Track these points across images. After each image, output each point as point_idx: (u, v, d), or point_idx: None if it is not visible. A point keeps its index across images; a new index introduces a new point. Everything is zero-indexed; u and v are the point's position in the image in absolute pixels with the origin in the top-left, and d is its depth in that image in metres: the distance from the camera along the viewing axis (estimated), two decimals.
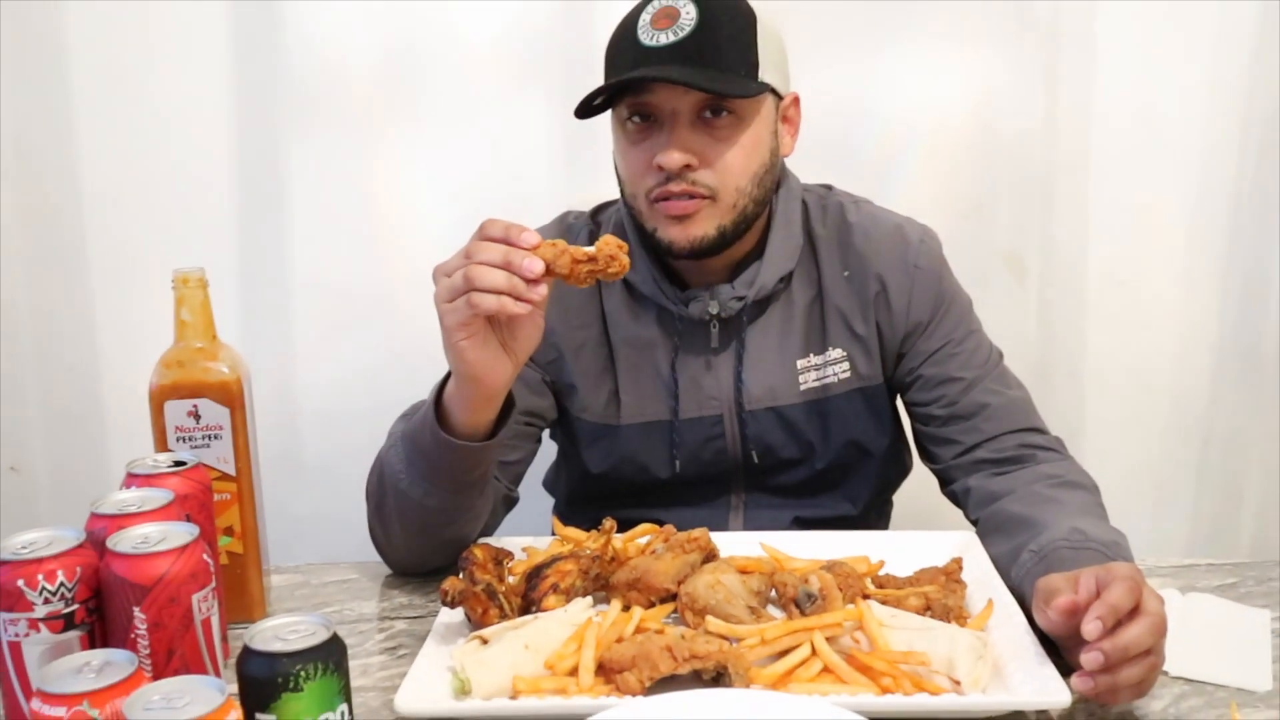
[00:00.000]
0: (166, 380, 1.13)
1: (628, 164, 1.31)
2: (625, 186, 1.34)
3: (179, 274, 1.13)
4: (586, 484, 1.46)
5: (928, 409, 1.39)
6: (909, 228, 1.43)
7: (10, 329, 1.88)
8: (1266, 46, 1.89)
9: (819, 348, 1.40)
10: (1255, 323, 2.00)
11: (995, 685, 0.99)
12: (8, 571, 0.86)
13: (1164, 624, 0.95)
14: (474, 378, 1.15)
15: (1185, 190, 1.96)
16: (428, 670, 1.01)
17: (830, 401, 1.40)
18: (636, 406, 1.41)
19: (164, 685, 0.76)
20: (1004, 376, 1.41)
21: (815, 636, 1.01)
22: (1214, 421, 2.04)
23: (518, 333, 1.16)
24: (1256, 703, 1.00)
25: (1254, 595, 1.21)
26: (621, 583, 1.12)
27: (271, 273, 1.90)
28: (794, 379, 1.39)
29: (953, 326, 1.40)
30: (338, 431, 1.91)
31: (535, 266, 1.09)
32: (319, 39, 1.83)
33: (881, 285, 1.39)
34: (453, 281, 1.11)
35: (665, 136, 1.26)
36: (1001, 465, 1.33)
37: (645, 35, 1.25)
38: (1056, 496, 1.23)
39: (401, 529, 1.27)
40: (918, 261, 1.40)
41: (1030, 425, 1.36)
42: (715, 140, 1.27)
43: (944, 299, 1.41)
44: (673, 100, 1.25)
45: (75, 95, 1.82)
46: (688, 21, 1.23)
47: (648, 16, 1.26)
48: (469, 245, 1.12)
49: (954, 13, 1.86)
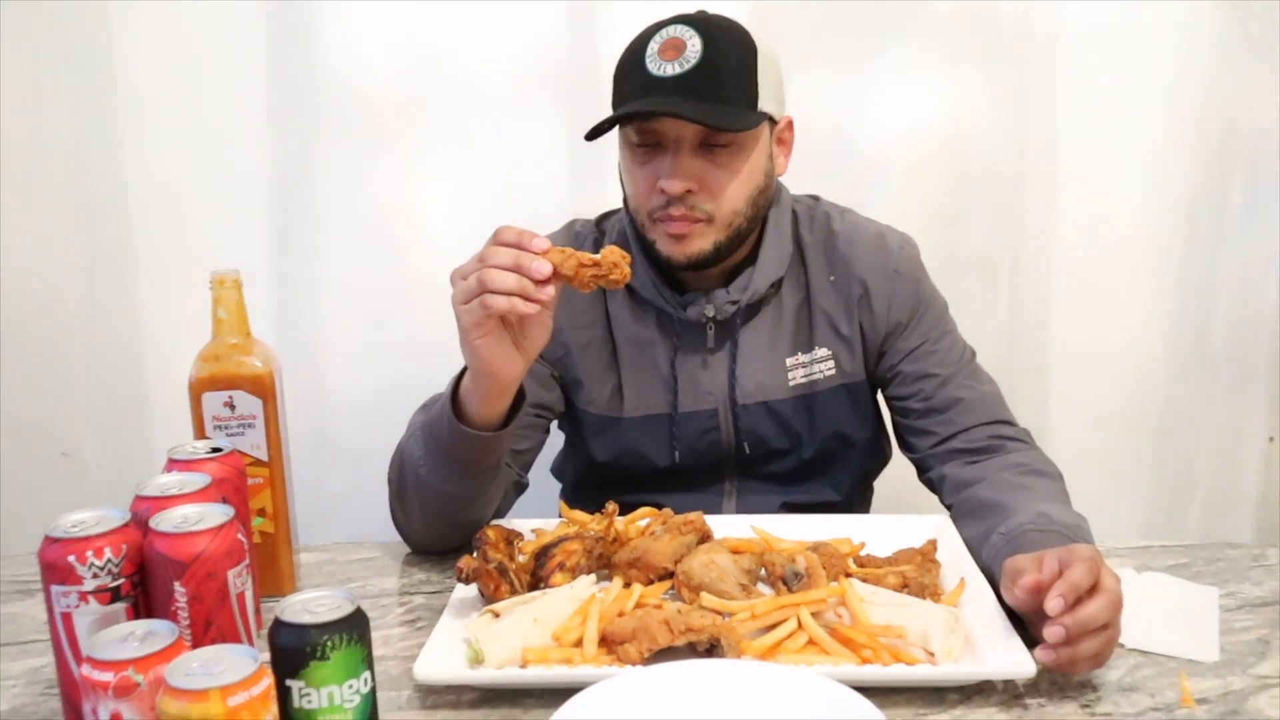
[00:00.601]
0: (204, 373, 1.13)
1: (633, 182, 1.31)
2: (630, 201, 1.34)
3: (216, 275, 1.13)
4: (592, 471, 1.46)
5: (906, 403, 1.39)
6: (889, 235, 1.42)
7: (63, 325, 1.89)
8: (1217, 72, 1.89)
9: (806, 347, 1.39)
10: (1206, 324, 2.00)
11: (966, 656, 0.99)
12: (60, 548, 0.86)
13: (1120, 600, 0.95)
14: (488, 373, 1.15)
15: (1142, 202, 1.95)
16: (444, 641, 1.01)
17: (817, 397, 1.40)
18: (638, 400, 1.40)
19: (202, 653, 0.76)
20: (976, 373, 1.40)
21: (801, 612, 1.01)
22: (1167, 414, 2.04)
23: (528, 331, 1.16)
24: (1204, 672, 1.00)
25: (1203, 574, 1.21)
26: (623, 562, 1.12)
27: (302, 274, 1.90)
28: (783, 376, 1.39)
29: (929, 327, 1.40)
30: (362, 421, 1.90)
31: (543, 269, 1.09)
32: (350, 61, 1.83)
33: (864, 289, 1.38)
34: (468, 284, 1.11)
35: (669, 163, 1.25)
36: (973, 455, 1.32)
37: (653, 65, 1.23)
38: (1024, 483, 1.23)
39: (420, 512, 1.27)
40: (897, 267, 1.39)
41: (1000, 418, 1.36)
42: (715, 167, 1.26)
43: (922, 301, 1.40)
44: (677, 129, 1.24)
45: (124, 111, 1.82)
46: (693, 54, 1.22)
47: (655, 46, 1.24)
48: (483, 250, 1.12)
49: (932, 40, 1.86)
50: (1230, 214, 1.96)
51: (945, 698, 0.96)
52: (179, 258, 1.84)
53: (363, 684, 0.83)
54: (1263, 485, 2.08)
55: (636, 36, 1.28)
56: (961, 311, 1.47)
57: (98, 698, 0.75)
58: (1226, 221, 1.96)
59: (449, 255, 1.86)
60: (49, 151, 1.82)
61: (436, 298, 1.87)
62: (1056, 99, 1.90)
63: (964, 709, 0.95)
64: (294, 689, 0.80)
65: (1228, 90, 1.89)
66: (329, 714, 0.81)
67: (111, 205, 1.85)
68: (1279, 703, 0.95)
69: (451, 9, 1.82)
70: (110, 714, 0.75)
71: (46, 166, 1.82)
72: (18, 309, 1.87)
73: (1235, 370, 2.02)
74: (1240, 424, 2.05)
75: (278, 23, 1.81)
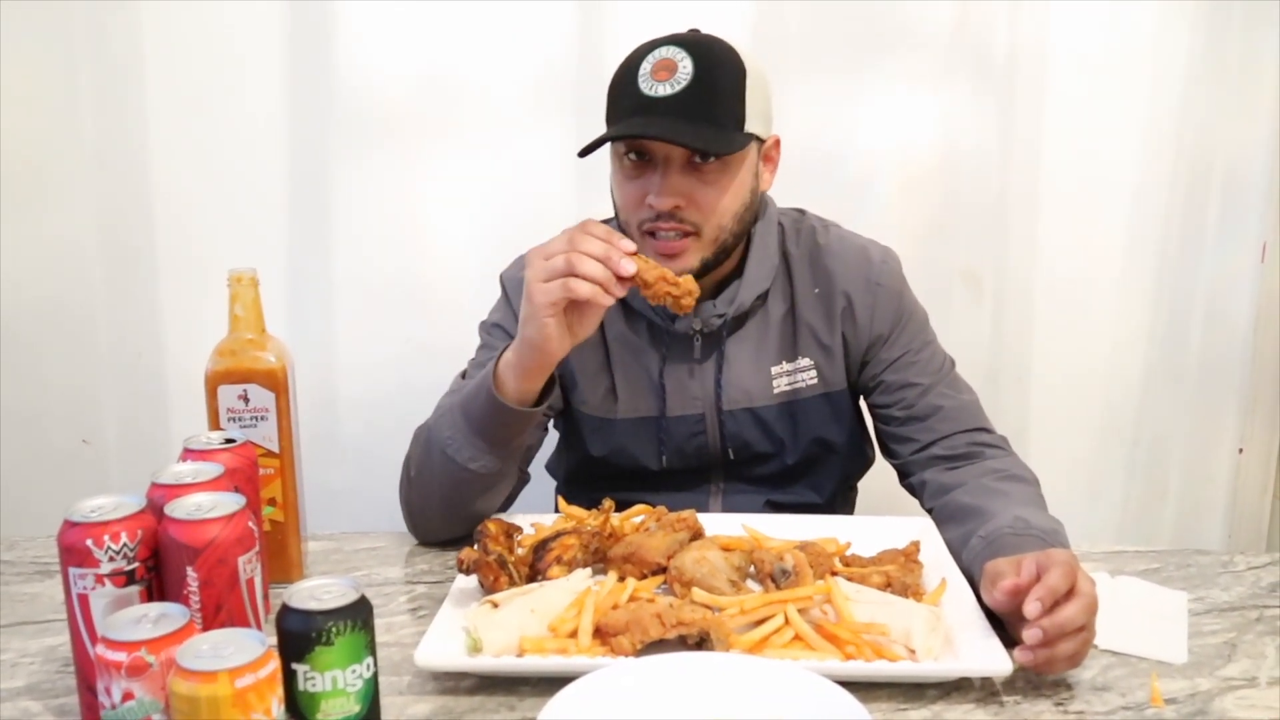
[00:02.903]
0: (220, 367, 1.12)
1: (623, 195, 1.30)
2: (619, 213, 1.33)
3: (233, 273, 1.13)
4: (585, 468, 1.46)
5: (888, 410, 1.39)
6: (872, 249, 1.42)
7: (87, 319, 1.88)
8: (1195, 97, 1.89)
9: (790, 356, 1.39)
10: (1180, 338, 2.00)
11: (946, 654, 0.98)
12: (78, 532, 0.86)
13: (1095, 604, 0.95)
14: (542, 350, 1.16)
15: (1122, 219, 1.95)
16: (445, 629, 1.01)
17: (799, 404, 1.39)
18: (630, 403, 1.40)
19: (212, 636, 0.76)
20: (955, 382, 1.40)
21: (788, 608, 1.01)
22: (1142, 424, 2.04)
23: (586, 319, 1.18)
24: (1174, 673, 1.00)
25: (1174, 579, 1.21)
26: (617, 556, 1.11)
27: (316, 273, 1.89)
28: (768, 384, 1.39)
29: (910, 338, 1.40)
30: (371, 415, 1.91)
31: (629, 267, 1.11)
32: (366, 69, 1.82)
33: (848, 301, 1.38)
34: (553, 264, 1.12)
35: (658, 179, 1.24)
36: (953, 461, 1.32)
37: (645, 84, 1.22)
38: (1002, 489, 1.23)
39: (439, 495, 1.26)
40: (880, 280, 1.39)
41: (979, 425, 1.36)
42: (703, 184, 1.25)
43: (903, 313, 1.40)
44: (666, 148, 1.24)
45: (149, 116, 1.82)
46: (684, 75, 1.21)
47: (648, 66, 1.23)
48: (573, 234, 1.13)
49: (923, 61, 1.86)
50: (1206, 232, 1.96)
51: (925, 693, 0.96)
52: (198, 256, 1.85)
53: (365, 669, 0.82)
54: (1232, 494, 2.08)
55: (630, 55, 1.27)
56: (947, 322, 1.47)
57: (111, 676, 0.75)
58: (1203, 239, 1.96)
59: (456, 256, 1.89)
60: (78, 151, 1.82)
61: (444, 298, 1.90)
62: (1042, 120, 1.90)
63: (943, 705, 0.94)
64: (299, 672, 0.80)
65: (1205, 114, 1.90)
66: (333, 697, 0.81)
67: (135, 205, 1.85)
68: (1245, 704, 0.95)
69: (465, 20, 1.81)
70: (123, 692, 0.75)
71: (75, 165, 1.83)
72: (44, 303, 1.87)
73: (1208, 383, 2.02)
74: (1212, 435, 2.05)
75: (298, 32, 1.81)
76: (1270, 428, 2.04)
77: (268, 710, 0.73)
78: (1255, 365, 2.01)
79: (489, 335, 1.40)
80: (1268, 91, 1.88)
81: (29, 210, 1.83)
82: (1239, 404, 2.03)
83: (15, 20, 1.76)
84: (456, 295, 1.87)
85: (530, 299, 1.15)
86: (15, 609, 1.14)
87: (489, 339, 1.39)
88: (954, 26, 1.85)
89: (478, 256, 1.88)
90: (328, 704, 0.81)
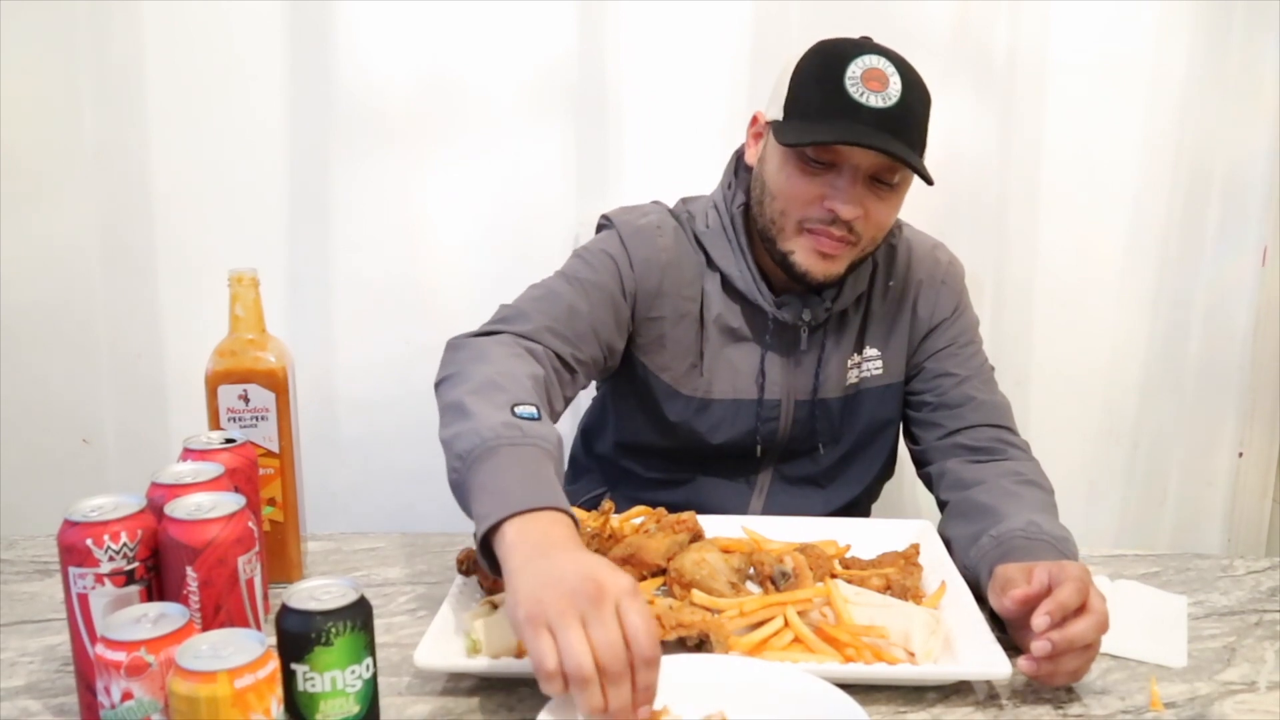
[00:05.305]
0: (220, 367, 1.12)
1: (793, 189, 1.26)
2: (777, 203, 1.28)
3: (234, 274, 1.12)
4: (640, 435, 1.43)
5: (921, 396, 1.41)
6: (941, 251, 1.47)
7: (87, 318, 1.88)
8: (1195, 103, 1.89)
9: (861, 348, 1.41)
10: (1179, 341, 2.00)
11: (945, 657, 0.99)
12: (78, 532, 0.85)
13: (1106, 622, 0.94)
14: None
15: (1122, 224, 1.96)
16: (443, 630, 1.01)
17: (863, 395, 1.41)
18: (719, 383, 1.38)
19: (211, 636, 0.76)
20: (992, 383, 1.42)
21: (788, 610, 1.01)
22: (1141, 428, 2.04)
23: None
24: (1173, 677, 1.00)
25: (1173, 583, 1.21)
26: (617, 558, 1.11)
27: (316, 274, 1.89)
28: (844, 375, 1.40)
29: (959, 333, 1.43)
30: (371, 416, 1.90)
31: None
32: (366, 70, 1.82)
33: (915, 296, 1.42)
34: (548, 665, 0.79)
35: (845, 187, 1.23)
36: (976, 453, 1.33)
37: (855, 90, 1.19)
38: (1018, 492, 1.22)
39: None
40: (945, 279, 1.43)
41: (1006, 425, 1.37)
42: (878, 199, 1.25)
43: (959, 310, 1.44)
44: (859, 157, 1.22)
45: (150, 115, 1.81)
46: (895, 91, 1.20)
47: (857, 71, 1.20)
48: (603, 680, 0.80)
49: (925, 68, 1.85)
50: (1206, 235, 1.96)
51: (924, 696, 0.96)
52: (199, 256, 1.85)
53: (365, 669, 0.82)
54: (1231, 498, 2.08)
55: (823, 50, 1.25)
56: None
57: (110, 676, 0.75)
58: (1203, 243, 1.96)
59: (455, 255, 1.89)
60: (80, 150, 1.82)
61: (443, 299, 1.89)
62: (1042, 123, 1.90)
63: (942, 708, 0.94)
64: (299, 672, 0.80)
65: (1206, 117, 1.90)
66: (332, 697, 0.81)
67: (135, 205, 1.85)
68: (1244, 708, 0.95)
69: (465, 21, 1.81)
70: (122, 692, 0.75)
71: (75, 165, 1.82)
72: (45, 301, 1.87)
73: (1208, 387, 2.02)
74: (1211, 439, 2.06)
75: (298, 33, 1.81)
76: (1270, 431, 2.04)
77: (267, 711, 0.73)
78: (1255, 369, 2.02)
79: (588, 265, 1.32)
80: (1268, 95, 1.88)
81: (29, 210, 1.83)
82: (1239, 407, 2.03)
83: (16, 20, 1.76)
84: (456, 295, 1.87)
85: (512, 619, 0.84)
86: (15, 608, 1.14)
87: (586, 270, 1.31)
88: (954, 29, 1.85)
89: (478, 257, 1.88)
90: (327, 704, 0.81)
